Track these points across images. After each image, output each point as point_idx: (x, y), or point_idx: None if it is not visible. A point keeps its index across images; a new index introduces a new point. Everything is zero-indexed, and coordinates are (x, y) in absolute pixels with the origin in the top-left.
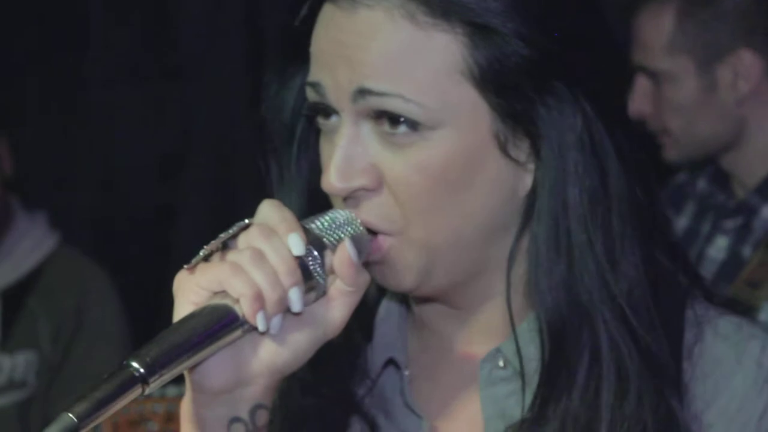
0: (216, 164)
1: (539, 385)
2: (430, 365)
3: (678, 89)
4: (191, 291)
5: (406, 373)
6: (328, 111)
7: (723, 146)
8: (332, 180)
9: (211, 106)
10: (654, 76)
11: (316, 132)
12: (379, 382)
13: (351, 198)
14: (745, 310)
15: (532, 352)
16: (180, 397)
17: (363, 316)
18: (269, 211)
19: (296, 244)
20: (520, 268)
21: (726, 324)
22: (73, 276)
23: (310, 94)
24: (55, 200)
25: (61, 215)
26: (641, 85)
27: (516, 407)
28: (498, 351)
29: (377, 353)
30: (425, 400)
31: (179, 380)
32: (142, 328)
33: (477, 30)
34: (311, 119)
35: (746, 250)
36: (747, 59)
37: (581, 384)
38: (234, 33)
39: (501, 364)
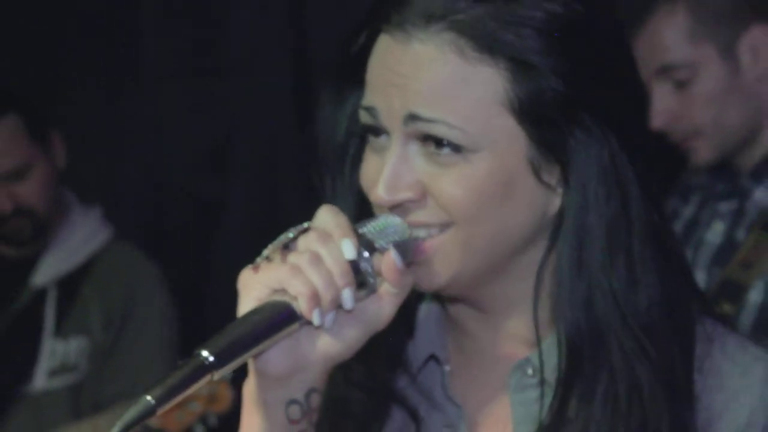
0: (260, 162)
1: (555, 396)
2: (465, 363)
3: (706, 79)
4: (254, 288)
5: (447, 368)
6: (379, 131)
7: (751, 134)
8: (381, 192)
9: (257, 104)
10: (678, 75)
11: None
12: (420, 375)
13: (398, 208)
14: (737, 289)
15: (556, 364)
16: (223, 380)
17: (406, 315)
18: (326, 216)
19: (349, 249)
20: (548, 283)
21: (733, 342)
22: (124, 267)
23: (364, 117)
24: (104, 195)
25: (110, 209)
26: (662, 92)
27: (540, 410)
28: (528, 360)
29: (419, 349)
30: (461, 393)
31: None
32: (188, 320)
33: (518, 66)
34: (363, 138)
35: (740, 233)
36: (759, 35)
37: (598, 397)
38: (280, 32)
39: (530, 372)
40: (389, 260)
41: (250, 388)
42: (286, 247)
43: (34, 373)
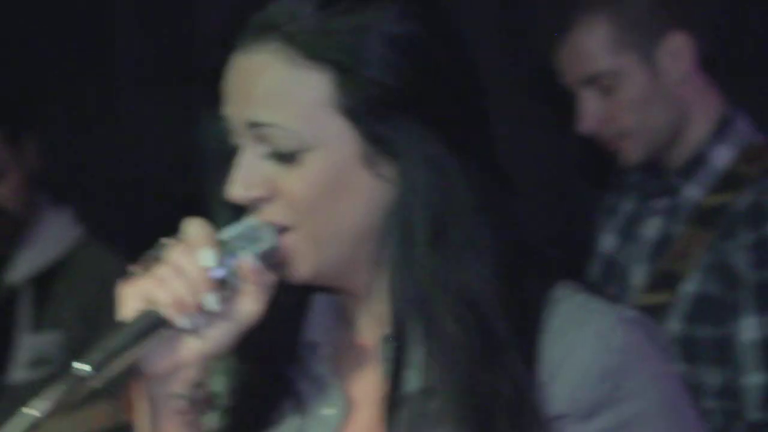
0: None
1: (390, 368)
2: (346, 345)
3: (630, 85)
4: (131, 299)
5: (325, 351)
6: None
7: (676, 134)
8: (234, 191)
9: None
10: (603, 83)
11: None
12: (306, 360)
13: (252, 207)
14: (673, 279)
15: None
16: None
17: (300, 305)
18: (191, 228)
19: (208, 257)
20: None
21: (578, 300)
22: (95, 264)
23: (225, 125)
24: (84, 198)
25: (89, 213)
26: (589, 99)
27: (408, 382)
28: (386, 337)
29: (307, 335)
30: (343, 374)
31: None
32: None
33: (340, 69)
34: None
35: (676, 228)
36: (677, 41)
37: (436, 366)
38: None
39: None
40: (246, 263)
41: (137, 385)
42: (157, 259)
43: (12, 366)
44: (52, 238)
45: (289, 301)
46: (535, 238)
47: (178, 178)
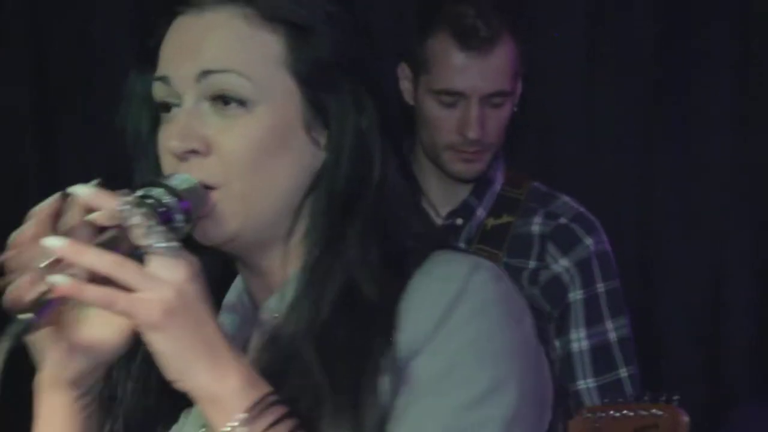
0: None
1: (287, 313)
2: (244, 319)
3: (509, 107)
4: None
5: (230, 320)
6: (171, 104)
7: None
8: (173, 140)
9: None
10: (498, 100)
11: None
12: None
13: (184, 161)
14: None
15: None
16: None
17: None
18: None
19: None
20: (299, 236)
21: (433, 259)
22: None
23: (158, 90)
24: None
25: None
26: (484, 111)
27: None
28: (267, 307)
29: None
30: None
31: None
32: None
33: (295, 33)
34: (158, 120)
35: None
36: None
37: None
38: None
39: (276, 316)
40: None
41: (44, 382)
42: None
43: None
44: None
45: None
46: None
47: None
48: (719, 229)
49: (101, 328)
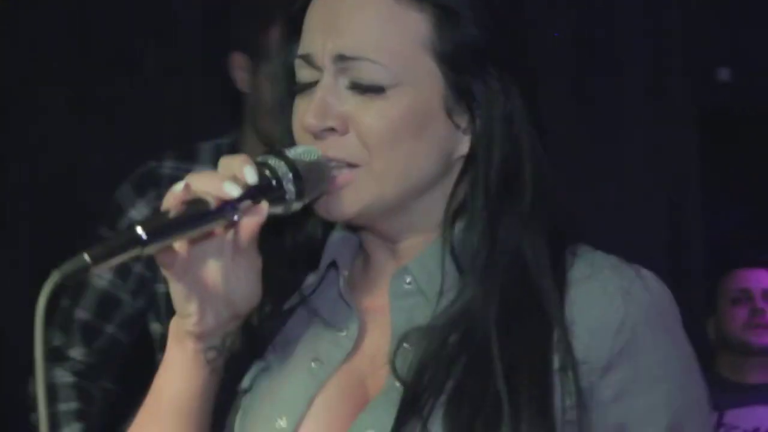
0: None
1: (438, 303)
2: (363, 274)
3: None
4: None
5: (345, 273)
6: (311, 84)
7: None
8: (310, 118)
9: None
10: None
11: None
12: (323, 281)
13: (319, 139)
14: None
15: (433, 272)
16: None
17: (308, 243)
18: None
19: (249, 172)
20: (437, 215)
21: (593, 256)
22: None
23: (300, 68)
24: None
25: None
26: None
27: (420, 317)
28: (405, 269)
29: (325, 259)
30: (357, 299)
31: None
32: None
33: (443, 14)
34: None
35: None
36: None
37: (471, 298)
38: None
39: (408, 280)
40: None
41: (174, 329)
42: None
43: None
44: None
45: (312, 228)
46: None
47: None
48: (635, 224)
49: (236, 283)
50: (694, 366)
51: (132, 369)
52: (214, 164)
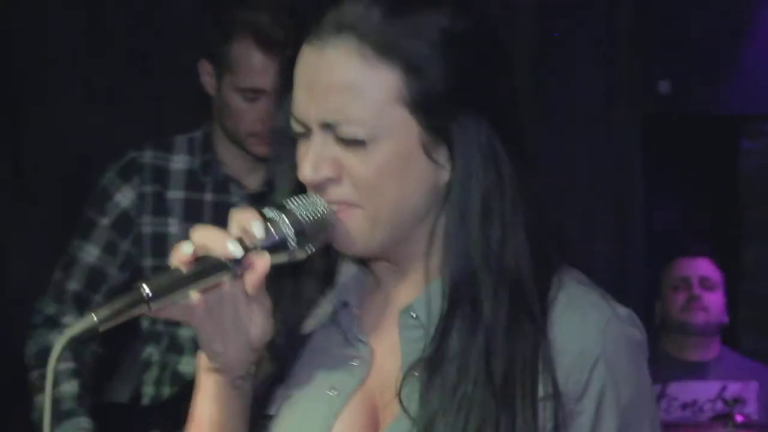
0: None
1: (435, 332)
2: (374, 306)
3: None
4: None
5: (356, 311)
6: (305, 134)
7: None
8: (307, 172)
9: None
10: None
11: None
12: (337, 317)
13: (319, 188)
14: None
15: (438, 307)
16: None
17: (328, 270)
18: (236, 215)
19: (257, 226)
20: (437, 241)
21: (577, 291)
22: None
23: (294, 124)
24: None
25: None
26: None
27: (426, 347)
28: (411, 306)
29: (337, 296)
30: (369, 331)
31: None
32: None
33: (410, 68)
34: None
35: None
36: None
37: (473, 334)
38: None
39: (413, 315)
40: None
41: (203, 365)
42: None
43: None
44: None
45: (322, 262)
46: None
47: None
48: (585, 217)
49: (251, 322)
50: (651, 393)
51: (116, 334)
52: (187, 154)
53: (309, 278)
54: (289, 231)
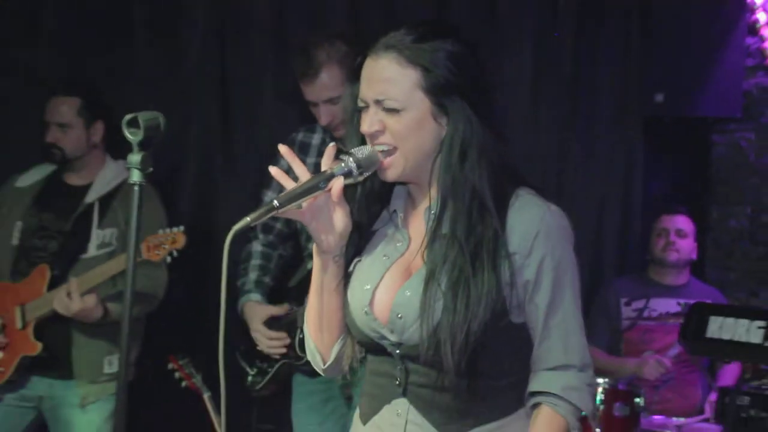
0: None
1: (433, 221)
2: (411, 211)
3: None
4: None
5: (401, 214)
6: (364, 107)
7: None
8: (366, 127)
9: None
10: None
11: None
12: (391, 219)
13: (372, 137)
14: None
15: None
16: (182, 230)
17: (382, 196)
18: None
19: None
20: (438, 171)
21: (526, 197)
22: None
23: (360, 102)
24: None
25: None
26: (326, 108)
27: (440, 230)
28: (429, 207)
29: (390, 207)
30: (407, 225)
31: None
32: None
33: (426, 70)
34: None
35: None
36: None
37: (457, 223)
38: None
39: (432, 212)
40: (338, 181)
41: (316, 250)
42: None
43: (88, 247)
44: (110, 176)
45: (382, 187)
46: (513, 163)
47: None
48: (604, 191)
49: (338, 221)
50: (573, 259)
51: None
52: (320, 133)
53: (371, 194)
54: (352, 165)
